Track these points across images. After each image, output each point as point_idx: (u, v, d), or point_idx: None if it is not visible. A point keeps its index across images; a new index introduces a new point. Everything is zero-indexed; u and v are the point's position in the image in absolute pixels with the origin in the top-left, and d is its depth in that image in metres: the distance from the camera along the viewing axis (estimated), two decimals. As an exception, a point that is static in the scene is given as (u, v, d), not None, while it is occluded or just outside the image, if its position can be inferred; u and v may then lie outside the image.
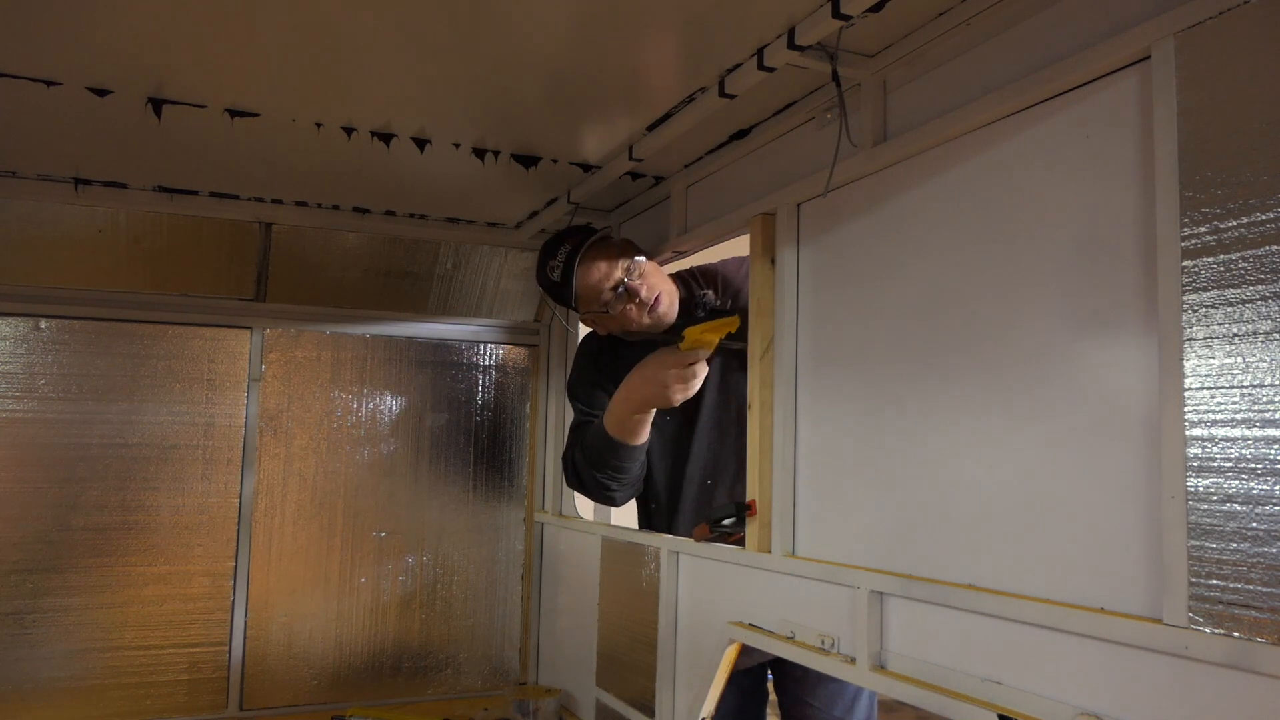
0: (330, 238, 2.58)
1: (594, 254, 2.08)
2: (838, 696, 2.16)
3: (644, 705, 2.05)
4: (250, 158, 2.09)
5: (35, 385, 2.42)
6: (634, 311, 2.10)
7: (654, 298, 2.09)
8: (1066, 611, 1.12)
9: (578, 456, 2.20)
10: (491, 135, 1.95)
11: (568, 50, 1.52)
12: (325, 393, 2.68)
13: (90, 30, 1.47)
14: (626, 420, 2.06)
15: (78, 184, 2.29)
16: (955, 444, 1.34)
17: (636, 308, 2.09)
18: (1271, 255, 0.94)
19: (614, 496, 2.20)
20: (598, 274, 2.08)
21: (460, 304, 2.81)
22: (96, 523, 2.44)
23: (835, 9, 1.28)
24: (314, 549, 2.64)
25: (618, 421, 2.07)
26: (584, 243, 2.07)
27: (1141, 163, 1.09)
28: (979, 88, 1.33)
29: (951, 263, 1.37)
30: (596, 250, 2.09)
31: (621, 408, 2.06)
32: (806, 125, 1.73)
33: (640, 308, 2.09)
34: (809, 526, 1.64)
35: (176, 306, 2.53)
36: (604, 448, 2.11)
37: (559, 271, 2.09)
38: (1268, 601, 0.92)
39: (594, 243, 2.09)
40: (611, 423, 2.08)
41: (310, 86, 1.69)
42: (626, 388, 2.04)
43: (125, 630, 2.45)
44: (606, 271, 2.08)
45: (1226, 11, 0.99)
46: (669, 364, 1.96)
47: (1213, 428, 0.98)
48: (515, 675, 2.83)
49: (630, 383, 2.04)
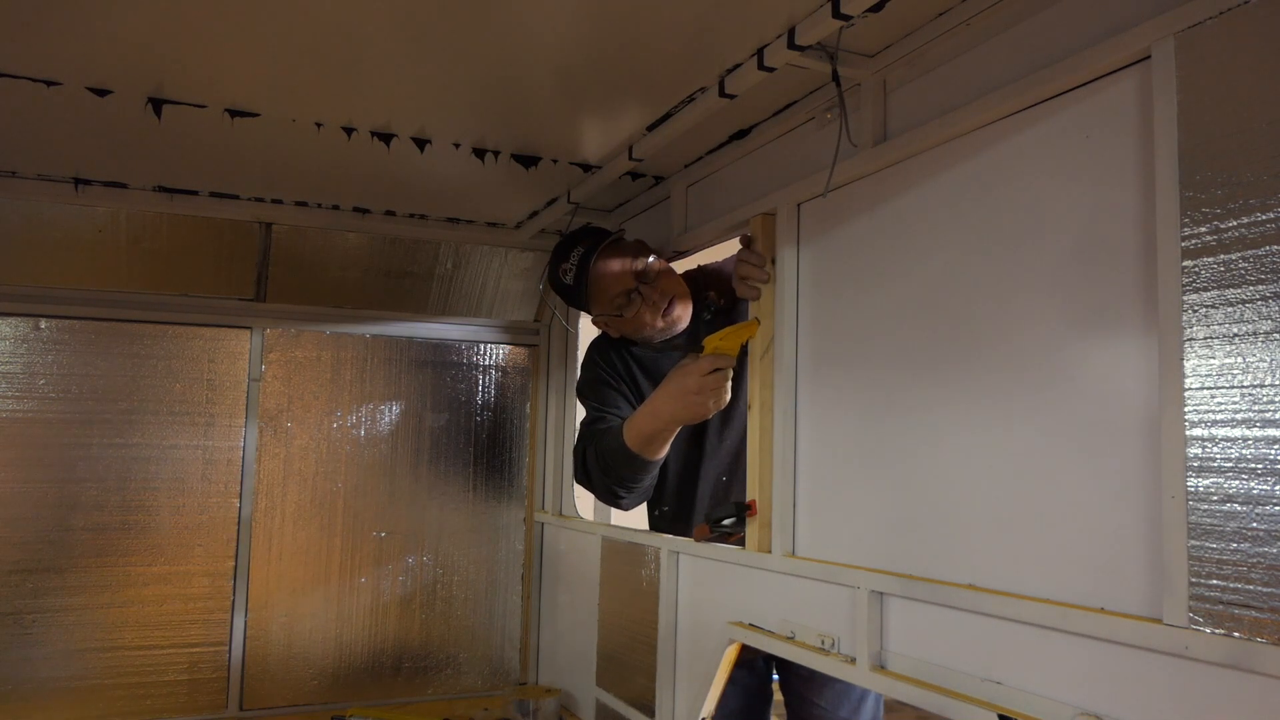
0: (330, 238, 2.58)
1: (608, 256, 2.06)
2: (844, 697, 2.15)
3: (644, 705, 2.05)
4: (250, 158, 2.09)
5: (35, 385, 2.42)
6: (647, 315, 2.07)
7: (667, 301, 2.08)
8: (1066, 611, 1.12)
9: (590, 458, 2.13)
10: (491, 135, 1.95)
11: (568, 50, 1.52)
12: (325, 393, 2.68)
13: (90, 30, 1.47)
14: (653, 437, 1.97)
15: (78, 184, 2.29)
16: (955, 444, 1.34)
17: (650, 311, 2.07)
18: (1271, 255, 0.94)
19: (621, 503, 2.17)
20: (611, 276, 2.05)
21: (460, 304, 2.81)
22: (96, 523, 2.44)
23: (835, 9, 1.28)
24: (314, 549, 2.64)
25: (642, 437, 1.97)
26: (597, 245, 2.05)
27: (1141, 163, 1.09)
28: (979, 88, 1.33)
29: (951, 263, 1.37)
30: (610, 252, 2.07)
31: (649, 423, 1.96)
32: (806, 125, 1.73)
33: (654, 310, 2.07)
34: (809, 526, 1.64)
35: (176, 306, 2.53)
36: (622, 461, 2.01)
37: (572, 274, 2.07)
38: (1268, 601, 0.92)
39: (608, 245, 2.07)
40: (634, 437, 1.98)
41: (310, 86, 1.69)
42: (654, 404, 1.94)
43: (125, 630, 2.46)
44: (620, 274, 2.05)
45: (1226, 11, 0.99)
46: (695, 376, 1.85)
47: (1213, 428, 0.98)
48: (515, 675, 2.83)
49: (657, 399, 1.93)
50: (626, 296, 2.06)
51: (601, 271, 2.05)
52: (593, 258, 2.04)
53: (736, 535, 1.82)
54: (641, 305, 2.07)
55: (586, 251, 2.05)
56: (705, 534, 1.93)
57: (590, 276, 2.04)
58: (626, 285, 2.06)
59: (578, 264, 2.06)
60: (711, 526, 1.83)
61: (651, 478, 2.10)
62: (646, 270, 2.06)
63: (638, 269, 2.06)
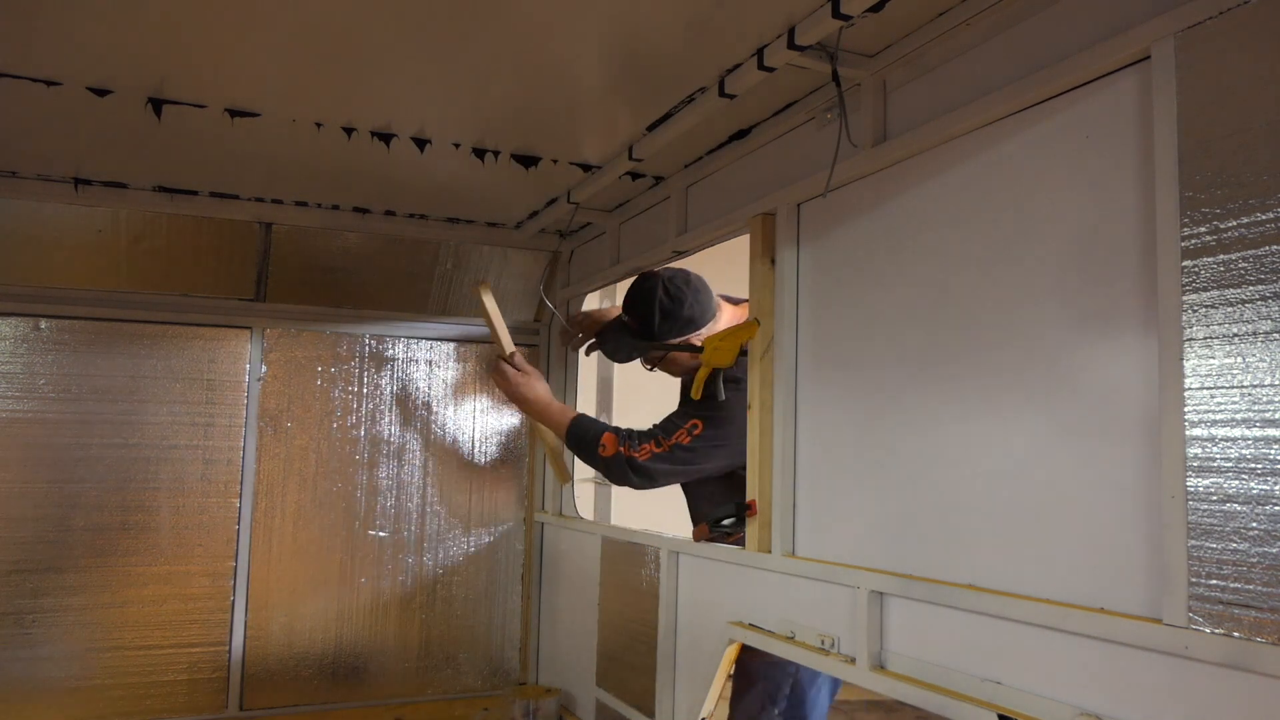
0: (330, 238, 2.58)
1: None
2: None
3: (644, 705, 2.05)
4: (250, 158, 2.09)
5: (35, 385, 2.42)
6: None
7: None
8: (1066, 611, 1.12)
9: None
10: (491, 135, 1.95)
11: (567, 50, 1.52)
12: (325, 393, 2.68)
13: (90, 30, 1.47)
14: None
15: (78, 184, 2.29)
16: (955, 444, 1.34)
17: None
18: (1271, 255, 0.94)
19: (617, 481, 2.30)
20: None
21: (460, 304, 2.81)
22: (96, 523, 2.44)
23: (835, 9, 1.28)
24: (314, 549, 2.64)
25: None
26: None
27: (1141, 163, 1.09)
28: (979, 88, 1.33)
29: (951, 263, 1.37)
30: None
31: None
32: (806, 125, 1.73)
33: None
34: (809, 526, 1.64)
35: (176, 306, 2.53)
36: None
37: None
38: (1268, 601, 0.92)
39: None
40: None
41: (310, 86, 1.69)
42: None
43: (125, 630, 2.45)
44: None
45: (1226, 11, 0.99)
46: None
47: (1213, 428, 0.98)
48: (515, 675, 2.83)
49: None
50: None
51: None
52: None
53: (736, 535, 1.82)
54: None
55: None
56: (705, 534, 1.93)
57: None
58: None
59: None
60: (711, 526, 1.84)
61: (589, 456, 2.29)
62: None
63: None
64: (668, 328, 2.19)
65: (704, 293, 2.22)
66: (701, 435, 2.10)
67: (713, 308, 2.22)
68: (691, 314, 2.18)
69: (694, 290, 2.19)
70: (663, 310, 2.17)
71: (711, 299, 2.23)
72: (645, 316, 2.20)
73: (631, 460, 2.13)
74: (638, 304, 2.22)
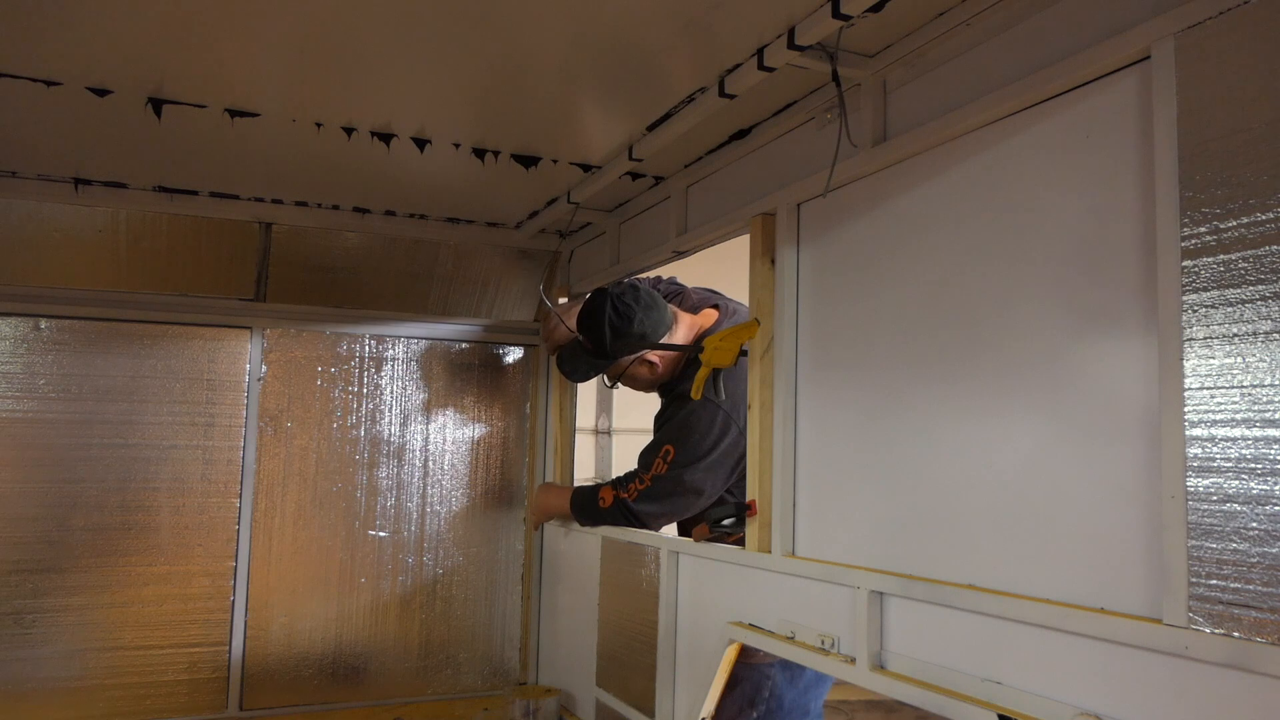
0: (330, 238, 2.58)
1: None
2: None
3: (644, 705, 2.05)
4: (250, 158, 2.09)
5: (35, 385, 2.42)
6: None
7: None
8: (1066, 611, 1.12)
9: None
10: (491, 135, 1.95)
11: (568, 50, 1.52)
12: (325, 393, 2.68)
13: (90, 30, 1.47)
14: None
15: (78, 184, 2.29)
16: (955, 444, 1.34)
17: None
18: (1271, 255, 0.94)
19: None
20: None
21: (460, 304, 2.81)
22: (96, 523, 2.44)
23: (835, 9, 1.28)
24: (314, 549, 2.64)
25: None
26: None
27: (1141, 163, 1.09)
28: (979, 88, 1.33)
29: (951, 263, 1.37)
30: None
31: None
32: (806, 125, 1.73)
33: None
34: (809, 526, 1.64)
35: (176, 306, 2.53)
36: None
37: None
38: (1268, 601, 0.92)
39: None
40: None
41: (310, 86, 1.69)
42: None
43: (125, 630, 2.45)
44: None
45: (1226, 11, 0.99)
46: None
47: (1213, 428, 0.98)
48: (515, 675, 2.83)
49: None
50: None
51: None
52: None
53: (736, 535, 1.82)
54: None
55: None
56: (705, 534, 1.93)
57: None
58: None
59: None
60: (711, 526, 1.84)
61: (595, 517, 2.33)
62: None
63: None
64: (620, 346, 2.19)
65: (655, 307, 2.20)
66: (676, 460, 2.11)
67: (667, 320, 2.21)
68: (643, 329, 2.17)
69: (644, 306, 2.18)
70: (613, 328, 2.17)
71: (665, 312, 2.22)
72: (597, 336, 2.20)
73: (624, 503, 2.17)
74: (589, 324, 2.21)
